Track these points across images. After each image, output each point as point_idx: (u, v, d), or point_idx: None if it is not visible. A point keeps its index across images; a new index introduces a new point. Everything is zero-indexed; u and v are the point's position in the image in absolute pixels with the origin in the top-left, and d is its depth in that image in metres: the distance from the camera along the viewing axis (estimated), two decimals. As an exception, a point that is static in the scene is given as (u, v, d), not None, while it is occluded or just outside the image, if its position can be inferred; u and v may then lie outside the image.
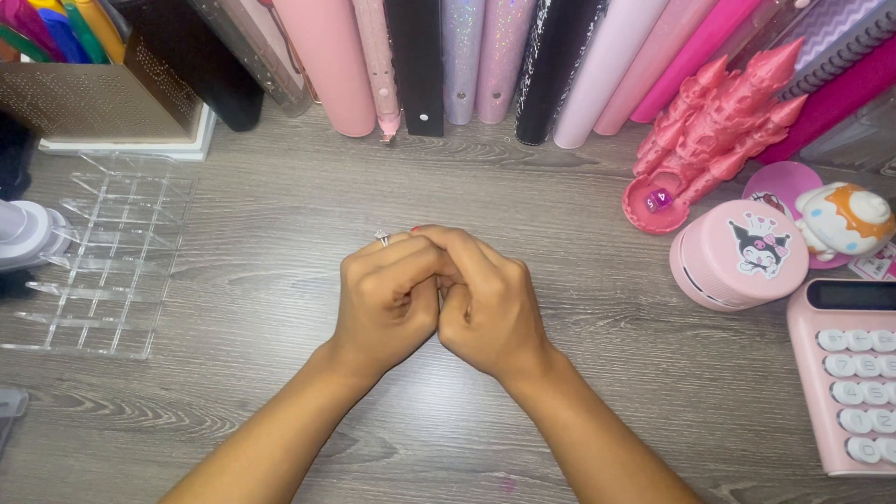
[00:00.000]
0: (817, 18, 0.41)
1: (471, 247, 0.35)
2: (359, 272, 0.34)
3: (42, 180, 0.50)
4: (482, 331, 0.35)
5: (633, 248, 0.48)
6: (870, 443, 0.39)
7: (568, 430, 0.36)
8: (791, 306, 0.45)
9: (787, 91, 0.44)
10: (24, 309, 0.43)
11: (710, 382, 0.43)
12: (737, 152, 0.42)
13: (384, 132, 0.51)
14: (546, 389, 0.37)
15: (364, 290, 0.33)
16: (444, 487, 0.40)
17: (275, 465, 0.35)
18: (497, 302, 0.34)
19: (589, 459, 0.35)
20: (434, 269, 0.35)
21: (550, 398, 0.37)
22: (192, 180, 0.50)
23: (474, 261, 0.34)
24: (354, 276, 0.34)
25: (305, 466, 0.38)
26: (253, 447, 0.35)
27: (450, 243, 0.35)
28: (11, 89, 0.43)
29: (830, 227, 0.41)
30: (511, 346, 0.36)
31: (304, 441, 0.36)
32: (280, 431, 0.35)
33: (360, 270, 0.34)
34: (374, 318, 0.34)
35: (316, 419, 0.36)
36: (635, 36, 0.38)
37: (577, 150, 0.52)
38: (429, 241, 0.36)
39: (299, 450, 0.36)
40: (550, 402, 0.37)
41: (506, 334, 0.35)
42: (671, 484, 0.35)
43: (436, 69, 0.43)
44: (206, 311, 0.45)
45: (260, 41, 0.44)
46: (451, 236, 0.36)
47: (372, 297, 0.33)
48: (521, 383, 0.37)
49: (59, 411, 0.42)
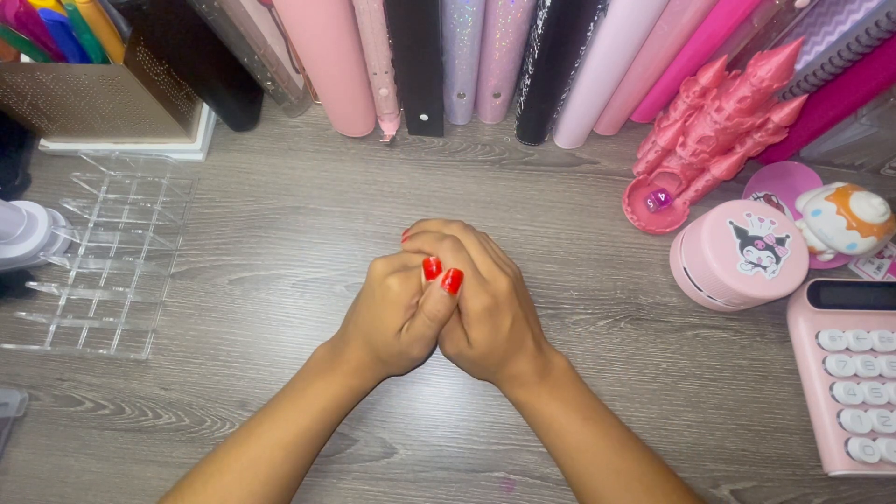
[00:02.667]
0: (817, 18, 0.41)
1: (462, 259, 0.34)
2: (386, 269, 0.35)
3: (42, 180, 0.50)
4: (477, 346, 0.35)
5: (633, 248, 0.48)
6: (870, 443, 0.39)
7: (562, 438, 0.36)
8: (791, 306, 0.45)
9: (787, 91, 0.44)
10: (24, 309, 0.43)
11: (710, 382, 0.43)
12: (737, 152, 0.42)
13: (384, 132, 0.51)
14: (542, 396, 0.37)
15: (390, 285, 0.34)
16: (444, 487, 0.40)
17: (275, 465, 0.35)
18: (487, 317, 0.34)
19: (584, 467, 0.35)
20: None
21: (546, 405, 0.37)
22: (192, 180, 0.50)
23: (466, 274, 0.34)
24: (381, 271, 0.35)
25: (306, 467, 0.37)
26: (254, 447, 0.35)
27: (441, 255, 0.35)
28: (11, 89, 0.43)
29: (830, 227, 0.41)
30: (506, 356, 0.36)
31: (305, 442, 0.36)
32: (281, 432, 0.35)
33: (387, 267, 0.35)
34: (393, 314, 0.34)
35: (317, 420, 0.36)
36: (635, 36, 0.38)
37: (577, 150, 0.52)
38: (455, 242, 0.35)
39: (300, 450, 0.36)
40: (546, 408, 0.37)
41: (500, 346, 0.35)
42: (669, 490, 0.35)
43: (436, 69, 0.43)
44: (206, 311, 0.45)
45: (260, 41, 0.44)
46: (443, 247, 0.35)
47: (396, 292, 0.34)
48: (517, 390, 0.37)
49: (59, 411, 0.42)
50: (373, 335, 0.35)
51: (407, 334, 0.34)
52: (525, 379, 0.37)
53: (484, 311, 0.34)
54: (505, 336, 0.35)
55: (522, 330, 0.36)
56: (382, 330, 0.34)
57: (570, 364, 0.40)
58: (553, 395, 0.37)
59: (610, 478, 0.35)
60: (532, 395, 0.37)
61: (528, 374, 0.37)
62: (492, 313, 0.34)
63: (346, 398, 0.37)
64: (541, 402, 0.37)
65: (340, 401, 0.37)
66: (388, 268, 0.35)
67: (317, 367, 0.39)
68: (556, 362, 0.39)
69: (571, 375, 0.39)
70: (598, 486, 0.35)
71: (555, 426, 0.36)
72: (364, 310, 0.36)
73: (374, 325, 0.35)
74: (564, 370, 0.39)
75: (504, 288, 0.35)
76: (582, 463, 0.35)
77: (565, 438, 0.36)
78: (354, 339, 0.37)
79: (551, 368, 0.38)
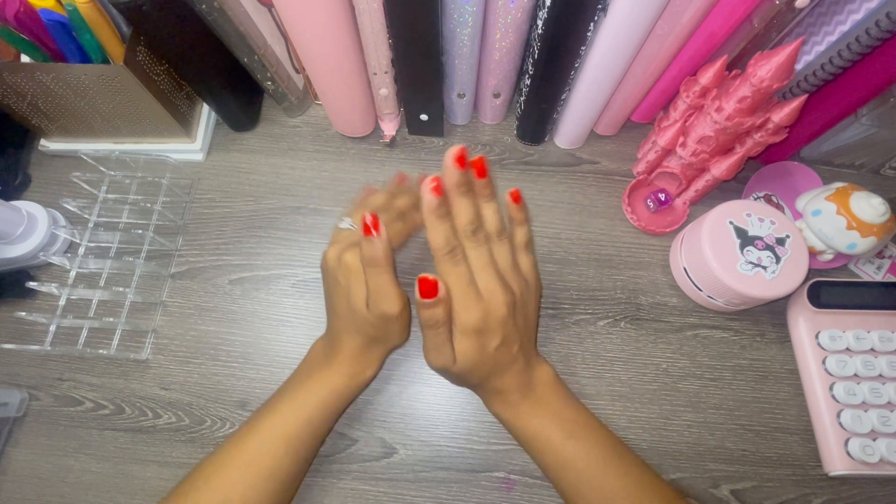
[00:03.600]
0: (817, 18, 0.41)
1: (457, 272, 0.32)
2: (336, 251, 0.35)
3: (42, 180, 0.50)
4: (462, 358, 0.33)
5: (633, 248, 0.48)
6: (870, 443, 0.39)
7: (545, 455, 0.35)
8: (791, 306, 0.45)
9: (787, 91, 0.44)
10: (24, 309, 0.43)
11: (710, 382, 0.43)
12: (737, 152, 0.42)
13: (384, 132, 0.51)
14: (522, 413, 0.35)
15: (345, 261, 0.34)
16: (444, 487, 0.40)
17: (278, 459, 0.35)
18: (473, 334, 0.32)
19: (568, 484, 0.35)
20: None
21: (528, 421, 0.35)
22: (192, 180, 0.50)
23: (457, 287, 0.32)
24: (334, 255, 0.35)
25: (308, 461, 0.37)
26: (255, 442, 0.35)
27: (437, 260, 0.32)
28: (11, 89, 0.43)
29: (830, 227, 0.41)
30: (490, 373, 0.34)
31: (307, 435, 0.36)
32: (283, 426, 0.35)
33: (337, 249, 0.35)
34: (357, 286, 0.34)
35: (318, 412, 0.36)
36: (635, 36, 0.38)
37: (577, 150, 0.52)
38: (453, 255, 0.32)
39: (302, 444, 0.36)
40: (528, 425, 0.35)
41: (485, 364, 0.34)
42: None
43: (436, 69, 0.43)
44: (206, 311, 0.45)
45: (260, 41, 0.44)
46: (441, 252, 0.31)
47: (352, 264, 0.34)
48: (499, 406, 0.36)
49: (59, 411, 0.42)
50: (352, 317, 0.35)
51: (370, 297, 0.33)
52: (507, 395, 0.35)
53: (470, 328, 0.32)
54: (490, 354, 0.33)
55: (510, 349, 0.34)
56: (357, 306, 0.34)
57: (556, 374, 0.37)
58: (534, 411, 0.35)
59: (593, 495, 0.34)
60: (513, 412, 0.36)
61: (510, 391, 0.35)
62: (479, 331, 0.32)
63: (346, 387, 0.37)
64: (522, 418, 0.36)
65: (341, 391, 0.37)
66: (338, 249, 0.35)
67: (315, 361, 0.39)
68: (539, 376, 0.36)
69: (555, 388, 0.37)
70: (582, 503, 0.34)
71: (536, 443, 0.35)
72: (335, 298, 0.36)
73: (348, 306, 0.35)
74: (548, 383, 0.36)
75: (498, 307, 0.32)
76: (566, 480, 0.35)
77: (548, 455, 0.35)
78: (342, 329, 0.36)
79: (535, 384, 0.36)
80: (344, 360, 0.37)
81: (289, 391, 0.37)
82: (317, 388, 0.36)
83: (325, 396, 0.36)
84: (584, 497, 0.34)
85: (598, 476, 0.34)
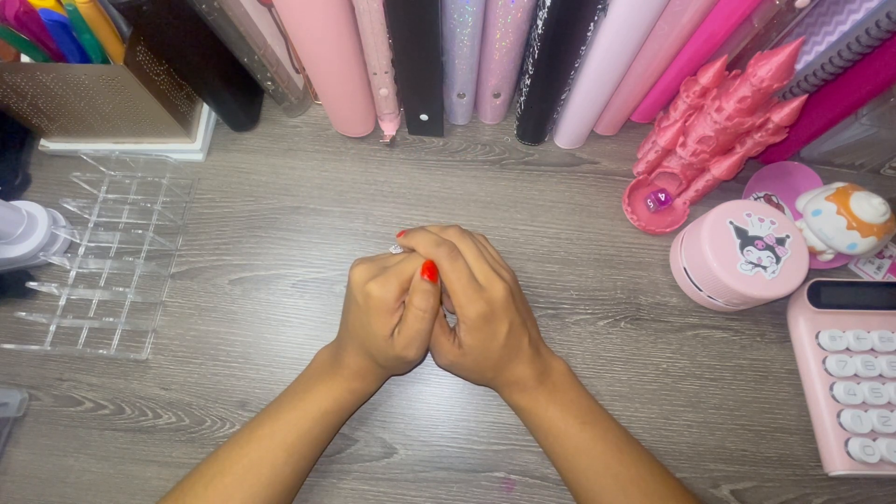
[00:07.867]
0: (817, 18, 0.41)
1: (458, 267, 0.34)
2: (364, 275, 0.34)
3: (42, 180, 0.50)
4: (472, 352, 0.35)
5: (633, 248, 0.48)
6: (870, 443, 0.39)
7: (560, 441, 0.36)
8: (791, 306, 0.45)
9: (787, 91, 0.44)
10: (24, 309, 0.43)
11: (710, 382, 0.43)
12: (737, 152, 0.42)
13: (384, 132, 0.51)
14: (540, 400, 0.37)
15: (370, 292, 0.33)
16: (444, 487, 0.40)
17: (277, 467, 0.35)
18: (483, 324, 0.34)
19: (582, 471, 0.35)
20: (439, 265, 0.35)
21: (544, 409, 0.37)
22: (192, 180, 0.50)
23: (461, 283, 0.34)
24: (361, 277, 0.34)
25: (307, 469, 0.38)
26: (255, 449, 0.35)
27: (437, 262, 0.34)
28: (11, 89, 0.43)
29: (831, 227, 0.41)
30: (503, 362, 0.36)
31: (307, 444, 0.36)
32: (283, 434, 0.35)
33: (367, 272, 0.34)
34: (378, 320, 0.34)
35: (319, 423, 0.36)
36: (635, 36, 0.38)
37: (577, 150, 0.52)
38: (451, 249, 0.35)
39: (302, 453, 0.36)
40: (545, 412, 0.37)
41: (496, 352, 0.35)
42: (666, 495, 0.35)
43: (436, 69, 0.43)
44: (206, 311, 0.45)
45: (260, 41, 0.44)
46: (439, 253, 0.34)
47: (377, 298, 0.33)
48: (517, 395, 0.37)
49: (59, 411, 0.42)
50: (366, 342, 0.35)
51: (400, 336, 0.34)
52: (524, 384, 0.37)
53: (479, 318, 0.34)
54: (501, 342, 0.35)
55: (519, 335, 0.36)
56: (373, 337, 0.34)
57: (569, 367, 0.39)
58: (552, 399, 0.37)
59: (607, 481, 0.35)
60: (531, 400, 0.37)
61: (526, 379, 0.37)
62: (488, 320, 0.34)
63: (347, 401, 0.37)
64: (539, 406, 0.37)
65: (342, 404, 0.37)
66: (366, 274, 0.34)
67: (319, 370, 0.39)
68: (554, 366, 0.39)
69: (570, 379, 0.39)
70: (595, 490, 0.35)
71: (553, 430, 0.36)
72: (352, 317, 0.36)
73: (364, 332, 0.35)
74: (563, 374, 0.39)
75: (501, 294, 0.34)
76: (580, 467, 0.36)
77: (563, 442, 0.36)
78: (350, 345, 0.37)
79: (550, 372, 0.38)
80: (349, 375, 0.37)
81: (291, 399, 0.37)
82: (320, 399, 0.36)
83: (328, 407, 0.36)
84: (598, 483, 0.35)
85: (614, 463, 0.35)
